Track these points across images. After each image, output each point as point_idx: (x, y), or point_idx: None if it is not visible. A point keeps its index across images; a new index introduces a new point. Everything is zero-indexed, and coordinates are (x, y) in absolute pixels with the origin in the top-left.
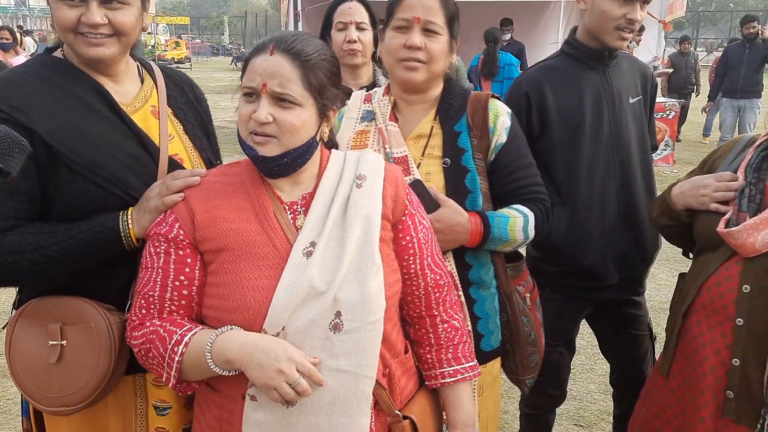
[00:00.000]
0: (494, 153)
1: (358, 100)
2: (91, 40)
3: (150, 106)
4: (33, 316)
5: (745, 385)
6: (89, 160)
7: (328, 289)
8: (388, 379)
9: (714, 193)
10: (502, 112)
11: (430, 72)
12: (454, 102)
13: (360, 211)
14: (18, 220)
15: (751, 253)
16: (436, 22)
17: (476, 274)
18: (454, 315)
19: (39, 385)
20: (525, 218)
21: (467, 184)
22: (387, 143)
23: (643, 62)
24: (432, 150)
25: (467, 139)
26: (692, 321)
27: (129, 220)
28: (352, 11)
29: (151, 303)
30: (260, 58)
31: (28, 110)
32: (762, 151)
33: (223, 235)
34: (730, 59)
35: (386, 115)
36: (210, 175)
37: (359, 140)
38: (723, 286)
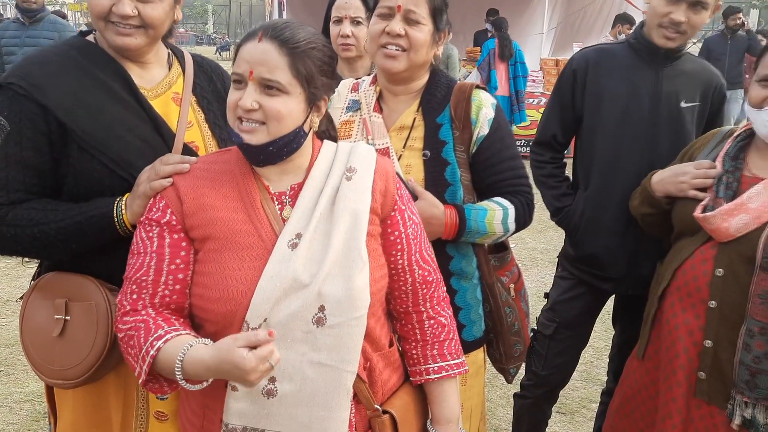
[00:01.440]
0: (476, 145)
1: (346, 89)
2: (120, 29)
3: (173, 93)
4: (45, 290)
5: (717, 366)
6: (99, 140)
7: (312, 282)
8: (369, 373)
9: (693, 180)
10: (485, 104)
11: (410, 60)
12: (438, 93)
13: (348, 204)
14: (27, 194)
15: (725, 237)
16: (417, 12)
17: (457, 265)
18: (442, 311)
19: (43, 356)
20: (504, 211)
21: (447, 176)
22: (370, 134)
23: (714, 70)
24: (413, 142)
25: (449, 131)
26: (667, 303)
27: (123, 206)
28: (348, 5)
29: (144, 288)
30: (249, 45)
31: (47, 88)
32: (740, 141)
33: (209, 223)
34: (712, 50)
35: (371, 106)
36: (200, 162)
37: (344, 130)
38: (698, 270)
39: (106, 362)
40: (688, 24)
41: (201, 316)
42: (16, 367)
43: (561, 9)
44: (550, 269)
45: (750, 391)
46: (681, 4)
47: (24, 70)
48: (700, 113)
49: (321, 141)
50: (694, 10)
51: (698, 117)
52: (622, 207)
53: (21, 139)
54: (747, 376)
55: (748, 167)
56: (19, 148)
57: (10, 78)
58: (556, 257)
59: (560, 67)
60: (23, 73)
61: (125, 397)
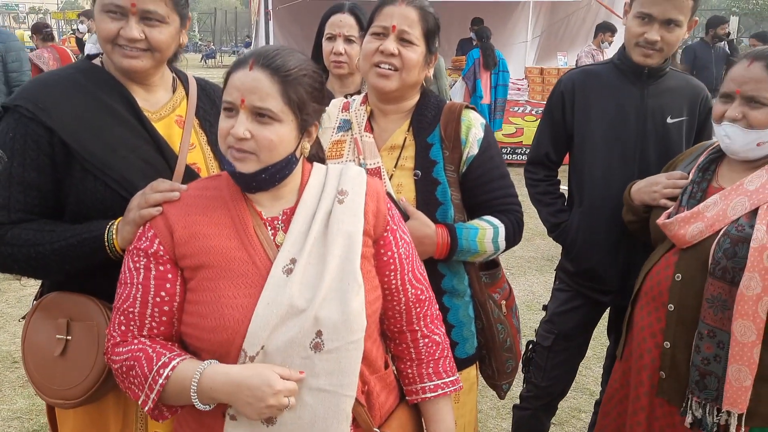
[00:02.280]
0: (466, 165)
1: (336, 108)
2: (127, 52)
3: (176, 116)
4: (47, 310)
5: (675, 366)
6: (102, 161)
7: (309, 308)
8: (367, 396)
9: (663, 190)
10: (474, 124)
11: (402, 81)
12: (428, 113)
13: (342, 227)
14: (28, 214)
15: (682, 244)
16: (411, 33)
17: (449, 283)
18: (435, 329)
19: (44, 376)
20: (495, 230)
21: (438, 196)
22: (362, 154)
23: (698, 83)
24: (404, 162)
25: (439, 151)
26: (637, 307)
27: (114, 231)
28: (342, 24)
29: (131, 319)
30: (240, 73)
31: (52, 110)
32: (712, 154)
33: (202, 251)
34: (698, 59)
35: (362, 125)
36: (190, 189)
37: (335, 150)
38: (661, 275)
39: (106, 382)
40: (663, 42)
41: (196, 346)
42: (4, 384)
43: (545, 18)
44: (538, 277)
45: (700, 391)
46: (653, 23)
47: (31, 93)
48: (689, 127)
49: (311, 164)
50: (668, 29)
51: (687, 131)
52: (614, 222)
53: (25, 160)
54: (697, 377)
55: (717, 178)
56: (22, 168)
57: (17, 100)
58: (554, 270)
59: (545, 76)
60: (30, 95)
61: (124, 417)
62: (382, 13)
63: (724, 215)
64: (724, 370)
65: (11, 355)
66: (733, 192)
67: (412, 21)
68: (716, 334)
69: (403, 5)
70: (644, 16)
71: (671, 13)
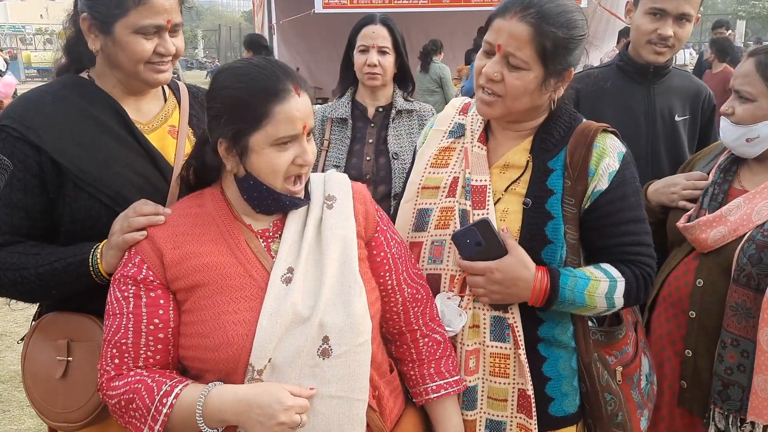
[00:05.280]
0: (590, 200)
1: (453, 109)
2: (161, 67)
3: (168, 126)
4: (46, 330)
5: (697, 375)
6: (95, 177)
7: (313, 314)
8: (378, 401)
9: (682, 191)
10: (609, 153)
11: (506, 109)
12: (555, 132)
13: (336, 231)
14: (15, 236)
15: (704, 248)
16: (518, 56)
17: (549, 332)
18: (436, 328)
19: (46, 398)
20: (612, 283)
21: (548, 232)
22: (469, 167)
23: (699, 82)
24: (517, 186)
25: (560, 180)
26: (655, 313)
27: (99, 255)
28: (375, 35)
29: (125, 351)
30: (293, 102)
31: (40, 129)
32: (732, 154)
33: (195, 271)
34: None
35: (476, 134)
36: (174, 210)
37: (441, 158)
38: (681, 280)
39: None
40: (675, 37)
41: (199, 368)
42: (12, 404)
43: None
44: None
45: (723, 402)
46: (667, 18)
47: (18, 111)
48: (692, 125)
49: None
50: (680, 24)
51: (690, 129)
52: None
53: (12, 180)
54: (720, 387)
55: (739, 180)
56: (9, 189)
57: (3, 120)
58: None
59: None
60: (17, 114)
61: None
62: (492, 27)
63: (749, 219)
64: (748, 379)
65: (19, 374)
66: (758, 195)
67: (521, 41)
68: (740, 343)
69: (513, 20)
70: (657, 11)
71: (684, 8)
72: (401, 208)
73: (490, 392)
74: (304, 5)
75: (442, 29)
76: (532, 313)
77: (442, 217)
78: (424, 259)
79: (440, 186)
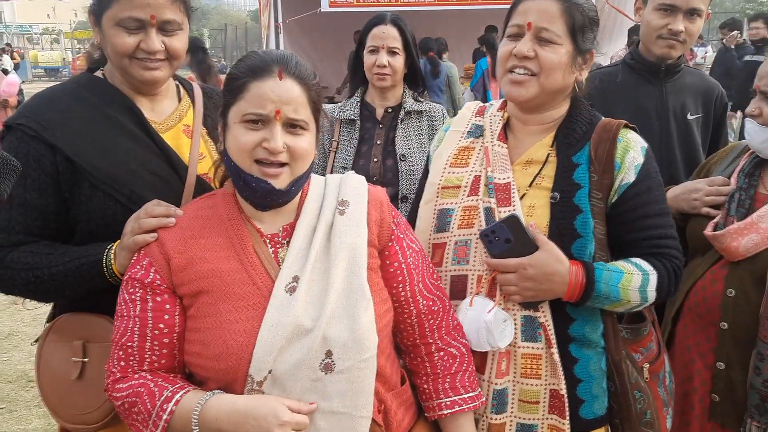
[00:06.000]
0: (617, 194)
1: (469, 112)
2: (148, 64)
3: (183, 125)
4: (61, 332)
5: (730, 388)
6: (110, 176)
7: (315, 327)
8: (384, 415)
9: (705, 197)
10: (633, 147)
11: (540, 86)
12: (578, 127)
13: (345, 239)
14: (29, 236)
15: (735, 257)
16: (551, 30)
17: (579, 330)
18: (453, 341)
19: (62, 400)
20: (645, 277)
21: (577, 226)
22: (490, 165)
23: (712, 80)
24: (542, 180)
25: (586, 174)
26: (680, 324)
27: (112, 255)
28: (385, 35)
29: (131, 354)
30: (269, 83)
31: (55, 128)
32: (756, 158)
33: (200, 277)
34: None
35: (495, 133)
36: (186, 212)
37: (461, 158)
38: (708, 290)
39: None
40: (686, 33)
41: (201, 375)
42: (18, 404)
43: None
44: None
45: (760, 415)
46: (677, 14)
47: (33, 111)
48: (704, 124)
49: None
50: (690, 19)
51: (703, 128)
52: None
53: (25, 180)
54: (757, 401)
55: (764, 184)
56: (23, 189)
57: (19, 119)
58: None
59: None
60: (32, 113)
61: None
62: (517, 10)
63: None
64: None
65: (26, 374)
66: None
67: (552, 15)
68: None
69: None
70: (667, 7)
71: (694, 3)
72: (421, 209)
73: (521, 395)
74: (310, 4)
75: (449, 28)
76: (562, 312)
77: (465, 216)
78: (447, 260)
79: (461, 185)
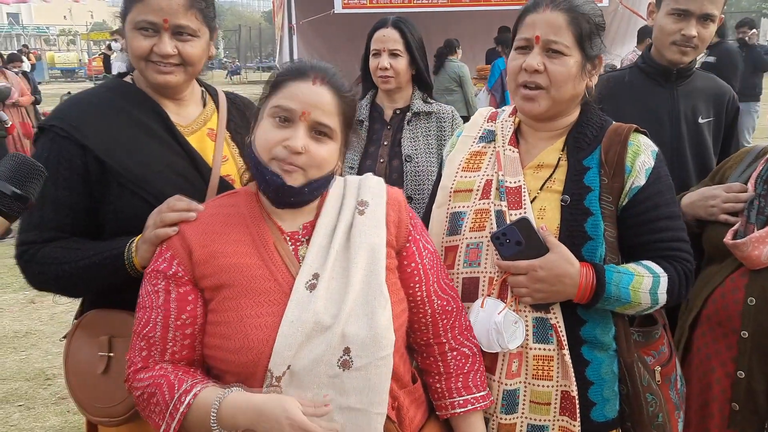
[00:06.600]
0: (628, 197)
1: (481, 117)
2: (161, 68)
3: (208, 129)
4: (88, 328)
5: (751, 397)
6: (138, 176)
7: (334, 324)
8: (397, 412)
9: (723, 204)
10: (643, 150)
11: (551, 100)
12: (588, 132)
13: (364, 239)
14: (60, 232)
15: (756, 265)
16: (559, 41)
17: (590, 332)
18: (465, 341)
19: (88, 394)
20: (655, 279)
21: (587, 228)
22: (501, 169)
23: (723, 83)
24: (552, 183)
25: (596, 177)
26: (698, 332)
27: (134, 248)
28: (386, 39)
29: (153, 345)
30: (302, 85)
31: (86, 129)
32: None
33: (222, 270)
34: None
35: (507, 138)
36: (207, 208)
37: (473, 162)
38: (728, 298)
39: None
40: (698, 38)
41: (220, 368)
42: (36, 401)
43: None
44: None
45: None
46: (691, 19)
47: (64, 113)
48: (716, 127)
49: None
50: (703, 24)
51: (714, 131)
52: None
53: (57, 179)
54: None
55: None
56: (55, 187)
57: (52, 120)
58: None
59: None
60: (63, 115)
61: None
62: (524, 24)
63: None
64: None
65: (44, 372)
66: None
67: (559, 27)
68: None
69: (547, 11)
70: (680, 12)
71: (708, 8)
72: (433, 212)
73: (532, 396)
74: (324, 5)
75: (461, 29)
76: (574, 314)
77: (476, 219)
78: (459, 262)
79: (473, 189)
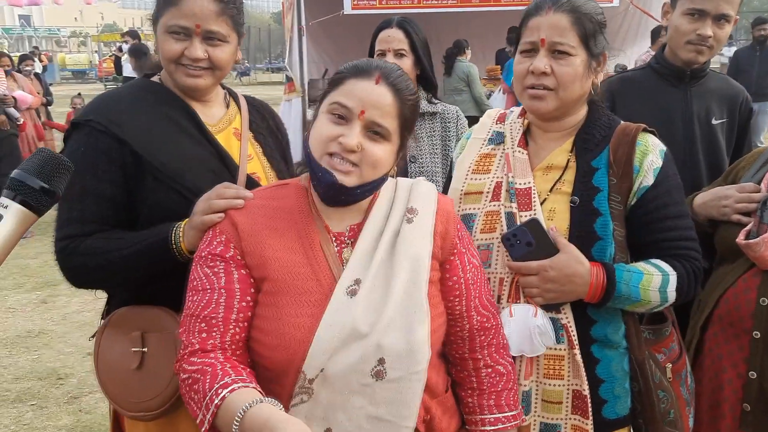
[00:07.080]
0: (636, 197)
1: (490, 119)
2: (191, 71)
3: (233, 128)
4: (118, 325)
5: (762, 398)
6: (174, 170)
7: (372, 332)
8: (428, 424)
9: (736, 204)
10: (652, 150)
11: (559, 100)
12: (596, 133)
13: (410, 249)
14: (101, 225)
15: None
16: (565, 42)
17: (601, 332)
18: (501, 359)
19: (122, 390)
20: (665, 277)
21: (597, 228)
22: (511, 171)
23: (736, 84)
24: (562, 185)
25: (605, 177)
26: (710, 333)
27: (180, 233)
28: (391, 39)
29: (215, 326)
30: (363, 83)
31: (123, 124)
32: None
33: (266, 263)
34: (741, 62)
35: (516, 140)
36: (256, 198)
37: (482, 164)
38: (740, 299)
39: None
40: (714, 38)
41: (255, 360)
42: (49, 401)
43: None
44: None
45: None
46: (706, 19)
47: (100, 108)
48: (729, 129)
49: None
50: (719, 25)
51: (728, 132)
52: None
53: (97, 172)
54: None
55: None
56: (96, 180)
57: (88, 115)
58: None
59: None
60: (100, 110)
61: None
62: (528, 27)
63: None
64: None
65: (56, 372)
66: None
67: (563, 28)
68: None
69: (550, 13)
70: (696, 12)
71: (724, 8)
72: None
73: (544, 395)
74: (334, 6)
75: (471, 29)
76: (584, 313)
77: (487, 221)
78: None
79: (483, 191)
